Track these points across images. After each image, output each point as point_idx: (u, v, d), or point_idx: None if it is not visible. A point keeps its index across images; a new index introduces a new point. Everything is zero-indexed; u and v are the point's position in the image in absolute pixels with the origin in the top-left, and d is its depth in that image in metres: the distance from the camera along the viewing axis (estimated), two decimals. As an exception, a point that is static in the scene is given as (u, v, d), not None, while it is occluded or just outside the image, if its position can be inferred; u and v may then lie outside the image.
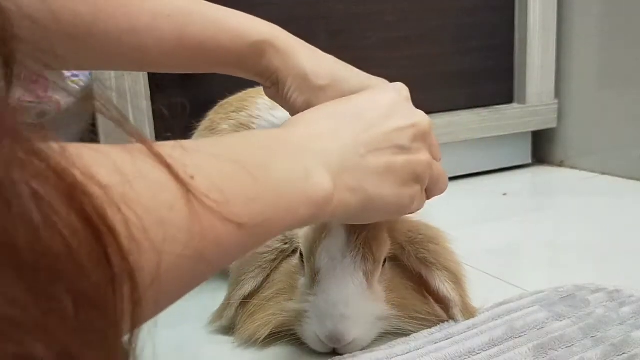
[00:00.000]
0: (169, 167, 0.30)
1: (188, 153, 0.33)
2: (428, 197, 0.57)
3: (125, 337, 0.24)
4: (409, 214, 0.58)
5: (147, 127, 0.95)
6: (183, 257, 0.30)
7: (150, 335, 0.26)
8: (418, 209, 0.57)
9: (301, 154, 0.45)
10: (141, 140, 0.30)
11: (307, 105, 0.59)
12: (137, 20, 0.55)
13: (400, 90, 0.57)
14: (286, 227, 0.42)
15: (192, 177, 0.31)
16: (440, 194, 0.59)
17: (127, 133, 0.29)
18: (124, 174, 0.27)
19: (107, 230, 0.23)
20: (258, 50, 0.60)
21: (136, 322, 0.25)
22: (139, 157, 0.29)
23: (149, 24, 0.56)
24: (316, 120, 0.51)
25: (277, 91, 0.62)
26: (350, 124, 0.50)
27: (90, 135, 0.75)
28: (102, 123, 0.74)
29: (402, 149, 0.51)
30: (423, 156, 0.53)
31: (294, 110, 0.61)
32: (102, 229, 0.23)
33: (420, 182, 0.54)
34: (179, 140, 0.35)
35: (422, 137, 0.53)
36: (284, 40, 0.61)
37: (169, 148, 0.32)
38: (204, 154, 0.36)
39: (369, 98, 0.55)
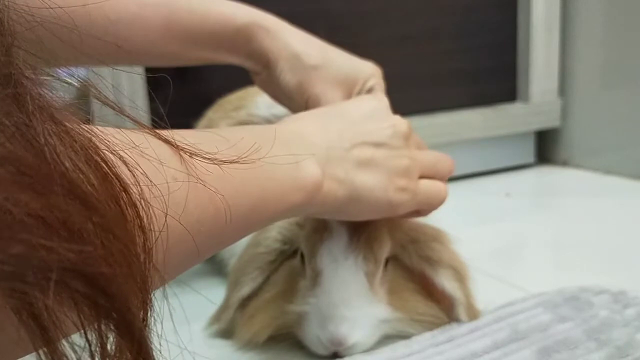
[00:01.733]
0: (171, 145, 0.35)
1: (184, 137, 0.36)
2: (442, 180, 0.59)
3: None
4: (407, 214, 0.58)
5: (146, 126, 0.94)
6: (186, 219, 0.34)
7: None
8: (420, 211, 0.58)
9: (290, 145, 0.47)
10: (142, 125, 0.34)
11: (300, 87, 0.61)
12: (124, 10, 0.56)
13: (380, 99, 0.59)
14: (279, 211, 0.45)
15: (190, 155, 0.35)
16: (448, 173, 0.60)
17: (130, 120, 0.33)
18: (136, 145, 0.31)
19: (120, 187, 0.27)
20: (247, 32, 0.61)
21: (149, 273, 0.28)
22: (147, 135, 0.33)
23: (135, 14, 0.57)
24: (304, 119, 0.54)
25: (268, 75, 0.64)
26: (336, 122, 0.53)
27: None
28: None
29: (382, 144, 0.54)
30: (404, 152, 0.55)
31: (286, 94, 0.62)
32: (116, 184, 0.27)
33: (406, 177, 0.55)
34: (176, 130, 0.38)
35: (402, 136, 0.56)
36: (272, 22, 0.62)
37: (170, 133, 0.36)
38: (200, 135, 0.39)
39: (352, 103, 0.59)
